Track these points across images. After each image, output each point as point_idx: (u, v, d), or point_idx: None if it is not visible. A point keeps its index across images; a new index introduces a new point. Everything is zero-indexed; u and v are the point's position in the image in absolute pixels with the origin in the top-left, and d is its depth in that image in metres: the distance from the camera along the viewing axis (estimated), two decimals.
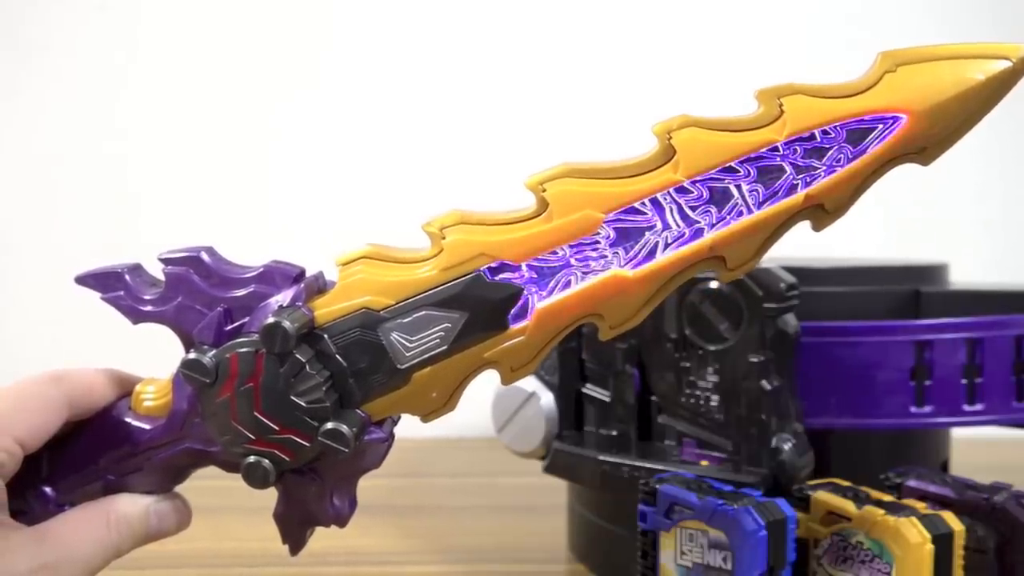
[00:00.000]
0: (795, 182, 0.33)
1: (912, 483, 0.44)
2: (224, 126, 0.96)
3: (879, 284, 0.52)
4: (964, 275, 0.59)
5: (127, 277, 0.36)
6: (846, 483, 0.44)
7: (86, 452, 0.37)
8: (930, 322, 0.48)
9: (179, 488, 0.39)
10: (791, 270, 0.45)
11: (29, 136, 0.96)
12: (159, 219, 0.95)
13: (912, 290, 0.51)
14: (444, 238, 0.35)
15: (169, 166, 0.96)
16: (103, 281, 0.36)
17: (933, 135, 0.33)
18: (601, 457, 0.49)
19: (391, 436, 0.36)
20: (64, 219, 0.96)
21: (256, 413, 0.34)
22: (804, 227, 0.36)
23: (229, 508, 0.59)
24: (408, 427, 0.38)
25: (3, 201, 0.96)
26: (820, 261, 0.55)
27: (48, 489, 0.37)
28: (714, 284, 0.45)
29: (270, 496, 0.37)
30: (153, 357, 0.44)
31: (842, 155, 0.33)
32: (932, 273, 0.54)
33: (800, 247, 0.56)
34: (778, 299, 0.44)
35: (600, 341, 0.49)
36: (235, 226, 0.94)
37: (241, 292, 0.35)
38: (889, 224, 0.96)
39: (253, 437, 0.35)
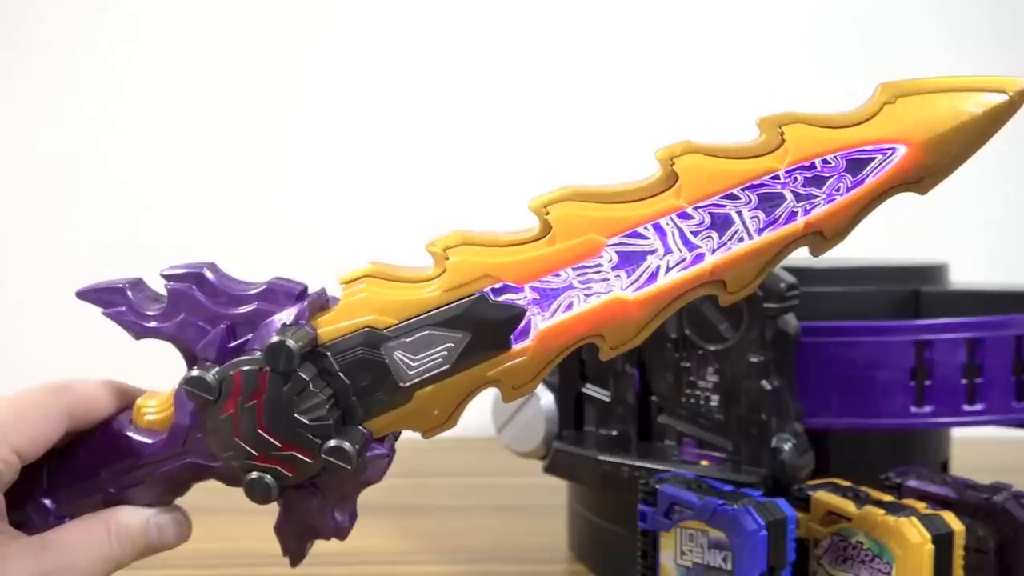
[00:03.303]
0: (795, 209, 0.34)
1: (912, 483, 0.44)
2: (223, 126, 0.96)
3: (879, 284, 0.52)
4: (964, 275, 0.59)
5: (129, 293, 0.36)
6: (846, 483, 0.43)
7: (87, 464, 0.37)
8: (930, 322, 0.48)
9: None
10: (791, 270, 0.45)
11: (29, 136, 0.96)
12: (159, 220, 0.95)
13: (912, 290, 0.51)
14: (448, 258, 0.35)
15: (168, 166, 0.96)
16: (105, 296, 0.36)
17: (930, 166, 0.33)
18: (601, 457, 0.49)
19: (392, 451, 0.37)
20: (64, 219, 0.96)
21: (259, 430, 0.34)
22: None
23: (227, 508, 0.59)
24: None
25: (3, 201, 0.96)
26: (820, 261, 0.54)
27: (48, 501, 0.37)
28: None
29: None
30: (152, 358, 0.44)
31: (841, 184, 0.34)
32: (932, 273, 0.54)
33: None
34: (778, 299, 0.44)
35: None
36: (234, 226, 0.95)
37: (244, 309, 0.35)
38: (889, 224, 0.95)
39: (256, 453, 0.35)
